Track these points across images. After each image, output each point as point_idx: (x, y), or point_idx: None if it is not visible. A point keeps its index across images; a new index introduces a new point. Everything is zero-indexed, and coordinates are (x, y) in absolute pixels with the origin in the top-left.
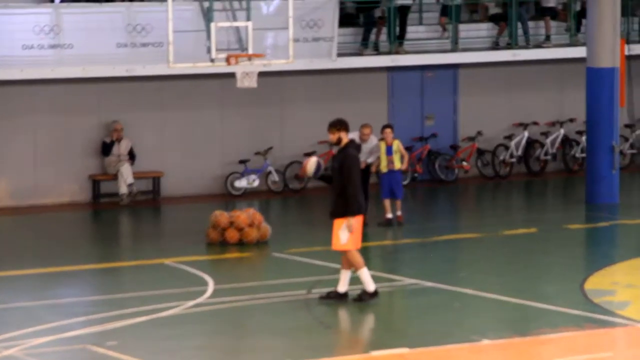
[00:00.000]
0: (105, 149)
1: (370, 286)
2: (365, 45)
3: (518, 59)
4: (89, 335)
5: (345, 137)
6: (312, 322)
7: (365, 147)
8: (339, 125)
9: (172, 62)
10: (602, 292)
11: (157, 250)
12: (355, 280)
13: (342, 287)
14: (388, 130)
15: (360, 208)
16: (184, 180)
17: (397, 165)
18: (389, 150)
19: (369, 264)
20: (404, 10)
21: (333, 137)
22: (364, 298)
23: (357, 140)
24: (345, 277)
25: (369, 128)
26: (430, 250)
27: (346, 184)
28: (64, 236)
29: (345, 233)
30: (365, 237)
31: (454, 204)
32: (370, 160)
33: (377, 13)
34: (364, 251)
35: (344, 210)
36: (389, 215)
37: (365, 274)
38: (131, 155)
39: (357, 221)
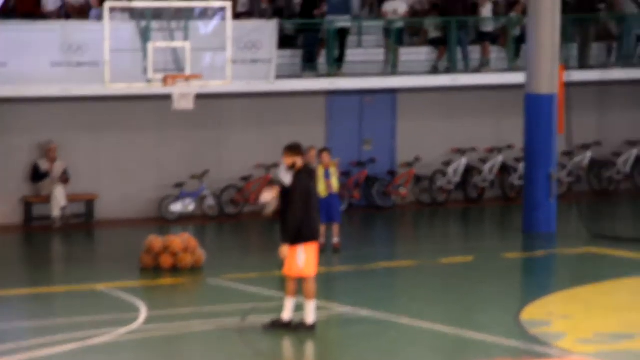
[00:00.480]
0: (36, 175)
1: (312, 319)
2: (310, 67)
3: (457, 83)
4: None
5: (300, 162)
6: (246, 351)
7: None
8: (295, 149)
9: (109, 82)
10: (538, 323)
11: (90, 275)
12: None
13: (287, 315)
14: (325, 154)
15: (314, 234)
16: (118, 203)
17: (335, 188)
18: (327, 174)
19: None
20: (343, 33)
21: (288, 161)
22: (301, 329)
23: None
24: (290, 304)
25: (313, 150)
26: (367, 278)
27: (295, 210)
28: None
29: (302, 258)
30: None
31: (391, 230)
32: None
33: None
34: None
35: (297, 235)
36: (322, 241)
37: (313, 305)
38: (65, 177)
39: (313, 247)
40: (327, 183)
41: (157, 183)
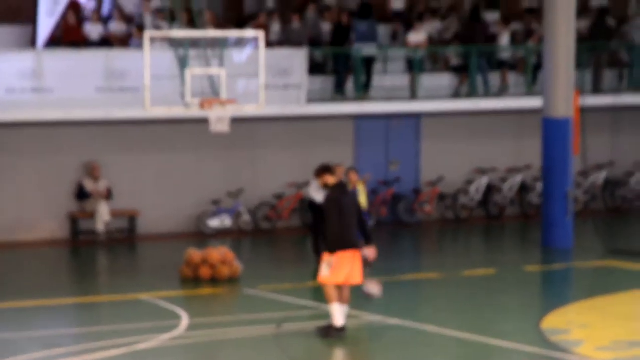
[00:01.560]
0: (81, 193)
1: (338, 321)
2: (339, 92)
3: (478, 108)
4: None
5: (331, 180)
6: (281, 357)
7: None
8: (323, 170)
9: (149, 106)
10: (558, 331)
11: (133, 286)
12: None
13: (339, 321)
14: (352, 173)
15: (344, 244)
16: (159, 219)
17: (364, 205)
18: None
19: None
20: (369, 61)
21: (320, 182)
22: (330, 331)
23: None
24: (338, 310)
25: (342, 168)
26: (394, 289)
27: (326, 224)
28: (44, 271)
29: (327, 268)
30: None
31: (417, 245)
32: None
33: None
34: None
35: (326, 246)
36: None
37: (334, 308)
38: (109, 195)
39: (341, 257)
40: None
41: (195, 200)
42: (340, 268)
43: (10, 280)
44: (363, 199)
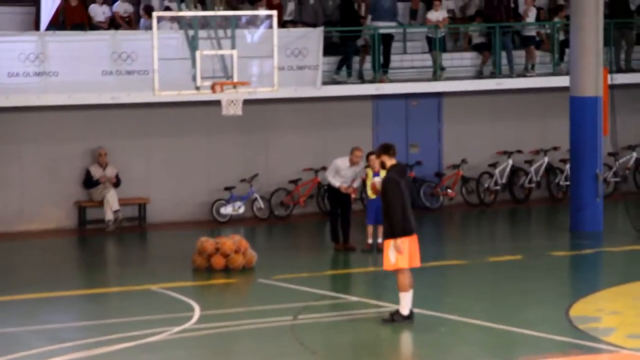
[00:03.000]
0: (88, 180)
1: (406, 309)
2: (347, 74)
3: (502, 87)
4: None
5: (389, 161)
6: (299, 348)
7: (352, 171)
8: (379, 151)
9: (158, 89)
10: (587, 319)
11: (144, 276)
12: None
13: (407, 310)
14: (373, 157)
15: (406, 229)
16: (169, 206)
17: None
18: (376, 177)
19: (355, 290)
20: (387, 40)
21: (378, 164)
22: (397, 319)
23: (347, 163)
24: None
25: (360, 151)
26: (416, 276)
27: (387, 208)
28: (50, 262)
29: (393, 253)
30: (349, 263)
31: (439, 230)
32: (355, 184)
33: (361, 42)
34: (348, 276)
35: (390, 232)
36: (370, 241)
37: (406, 298)
38: (117, 182)
39: (404, 242)
40: (376, 186)
41: (207, 187)
42: (406, 252)
43: (16, 271)
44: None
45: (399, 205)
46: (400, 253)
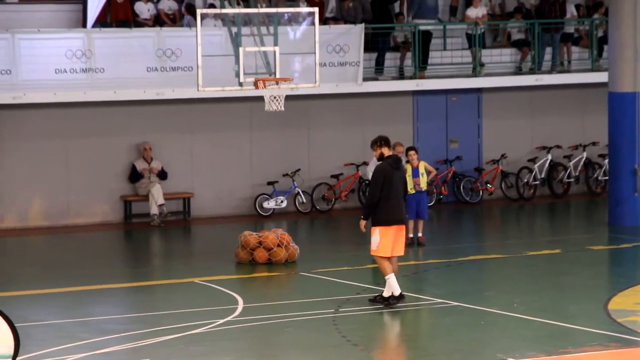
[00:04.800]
0: (134, 174)
1: (396, 290)
2: (379, 72)
3: (541, 83)
4: (122, 352)
5: (387, 152)
6: (341, 340)
7: None
8: (378, 141)
9: (202, 85)
10: (626, 312)
11: (188, 270)
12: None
13: (393, 292)
14: (412, 153)
15: (389, 220)
16: (213, 201)
17: (424, 186)
18: (415, 172)
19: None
20: (426, 36)
21: (376, 154)
22: (378, 299)
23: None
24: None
25: (402, 146)
26: (456, 270)
27: (369, 192)
28: (96, 255)
29: (376, 240)
30: None
31: (479, 225)
32: None
33: (400, 38)
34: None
35: (374, 219)
36: (410, 235)
37: (389, 281)
38: (162, 175)
39: (388, 231)
40: (415, 181)
41: (250, 181)
42: (387, 241)
43: (62, 264)
44: (424, 180)
45: (384, 195)
46: (380, 242)
